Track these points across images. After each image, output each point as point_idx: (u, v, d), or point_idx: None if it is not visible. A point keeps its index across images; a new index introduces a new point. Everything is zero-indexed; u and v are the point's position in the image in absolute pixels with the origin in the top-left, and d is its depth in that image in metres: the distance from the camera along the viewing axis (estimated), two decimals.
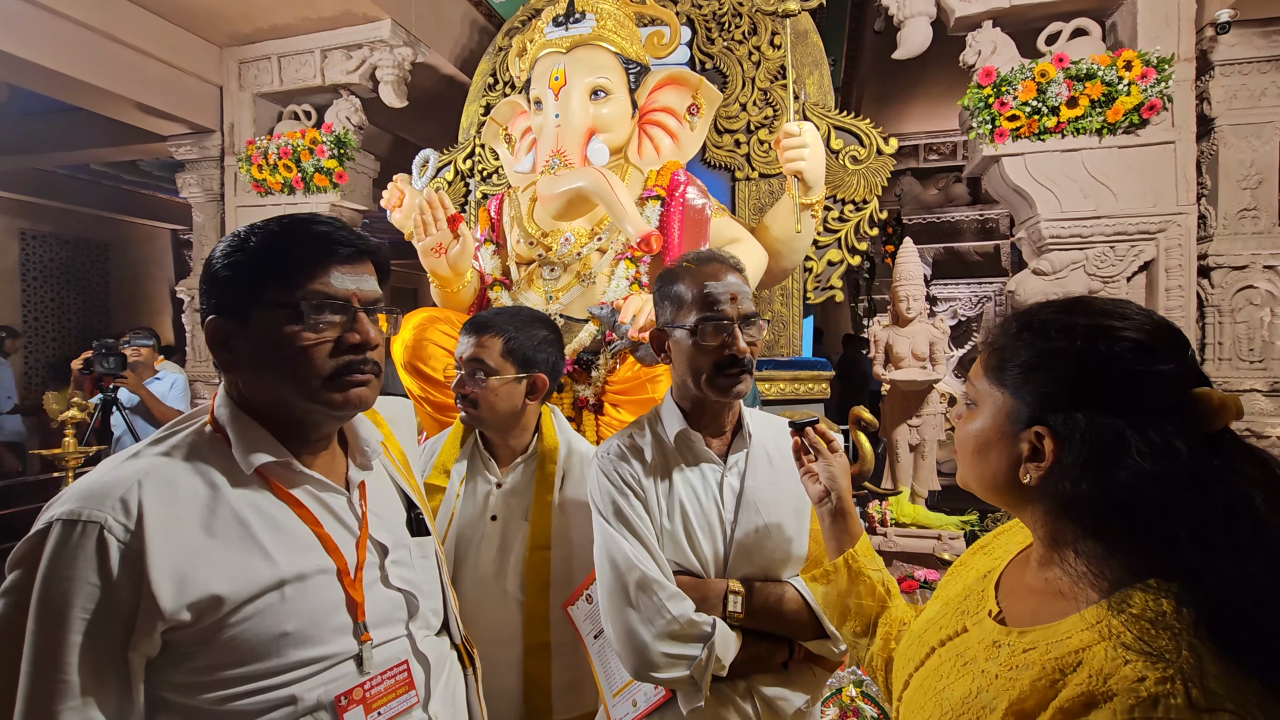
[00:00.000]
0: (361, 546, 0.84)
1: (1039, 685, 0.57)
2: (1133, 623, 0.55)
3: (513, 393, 1.36)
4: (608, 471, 1.15)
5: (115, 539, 0.68)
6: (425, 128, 4.54)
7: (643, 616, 1.04)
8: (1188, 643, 0.52)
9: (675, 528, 1.12)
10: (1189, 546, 0.54)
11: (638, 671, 1.05)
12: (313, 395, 0.80)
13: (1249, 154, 2.77)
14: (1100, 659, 0.54)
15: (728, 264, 1.15)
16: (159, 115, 3.80)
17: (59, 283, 6.48)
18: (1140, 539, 0.57)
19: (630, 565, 1.06)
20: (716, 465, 1.16)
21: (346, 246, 0.82)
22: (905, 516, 3.29)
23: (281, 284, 0.78)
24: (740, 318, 1.11)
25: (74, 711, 0.67)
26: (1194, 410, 0.57)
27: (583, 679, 1.32)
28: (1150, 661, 0.52)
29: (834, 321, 8.04)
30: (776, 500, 1.14)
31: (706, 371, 1.10)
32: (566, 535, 1.36)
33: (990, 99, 2.79)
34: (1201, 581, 0.54)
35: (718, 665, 1.03)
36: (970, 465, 0.71)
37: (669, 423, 1.17)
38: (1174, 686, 0.49)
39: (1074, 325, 0.62)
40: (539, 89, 2.31)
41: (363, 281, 0.83)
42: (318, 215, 0.85)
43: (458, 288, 2.29)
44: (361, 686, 0.79)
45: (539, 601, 1.32)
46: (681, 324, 1.12)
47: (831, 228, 2.69)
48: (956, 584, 0.82)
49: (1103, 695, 0.52)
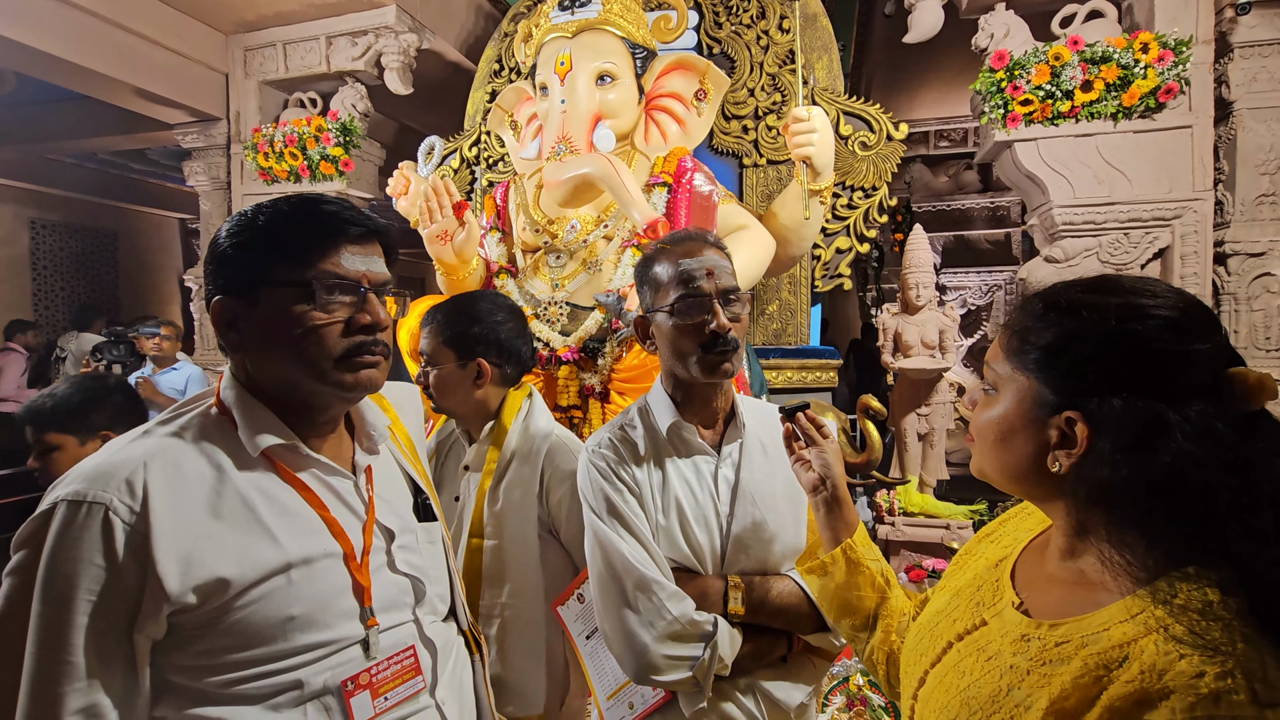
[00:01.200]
0: (368, 531, 0.83)
1: (1081, 682, 0.54)
2: (1180, 614, 0.52)
3: (459, 380, 1.35)
4: (599, 465, 1.11)
5: (120, 520, 0.68)
6: (431, 115, 4.52)
7: (643, 619, 1.01)
8: (1241, 634, 0.50)
9: (670, 523, 1.08)
10: (1236, 532, 0.52)
11: (638, 675, 1.03)
12: (323, 376, 0.79)
13: (1268, 138, 2.71)
14: (1151, 653, 0.51)
15: (705, 241, 1.12)
16: (165, 103, 3.79)
17: (69, 271, 6.51)
18: (1181, 526, 0.55)
19: (627, 565, 1.03)
20: (710, 456, 1.12)
21: (357, 226, 0.81)
22: (913, 506, 3.28)
23: (292, 263, 0.78)
24: (719, 293, 1.07)
25: (79, 693, 0.67)
26: (1229, 391, 0.55)
27: (506, 681, 1.29)
28: (1207, 655, 0.49)
29: (841, 311, 7.99)
30: (771, 491, 1.11)
31: (691, 353, 1.06)
32: (499, 526, 1.33)
33: (1003, 83, 2.74)
34: (1250, 569, 0.51)
35: (720, 665, 1.00)
36: (990, 454, 0.68)
37: (660, 414, 1.14)
38: (1235, 682, 0.47)
39: (1105, 304, 0.59)
40: (545, 74, 2.29)
41: (372, 263, 0.83)
42: (325, 195, 0.84)
43: (464, 275, 2.28)
44: (368, 671, 0.78)
45: (471, 591, 1.29)
46: (661, 306, 1.09)
47: (840, 215, 2.66)
48: (965, 573, 0.80)
49: (1158, 693, 0.49)
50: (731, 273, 1.11)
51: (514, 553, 1.33)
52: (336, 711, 0.76)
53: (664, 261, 1.10)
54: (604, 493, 1.09)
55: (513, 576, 1.33)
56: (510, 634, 1.32)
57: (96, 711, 0.68)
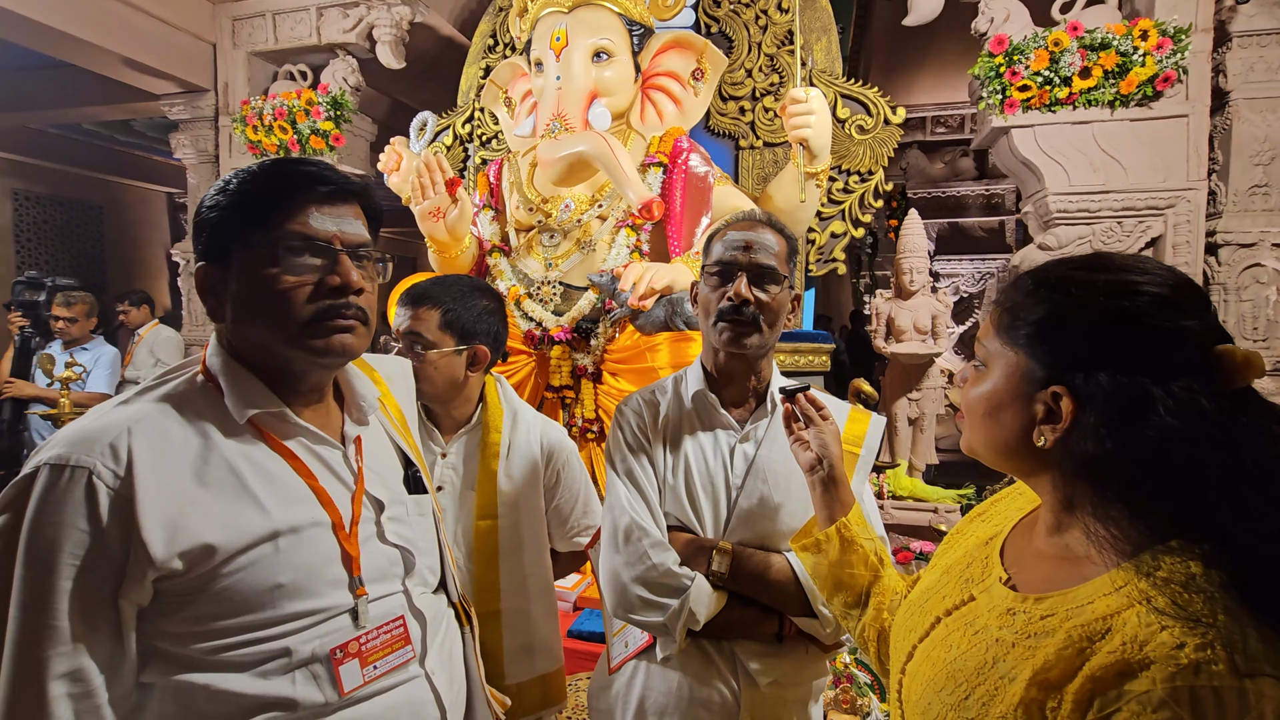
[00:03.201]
0: (357, 501, 0.83)
1: (1065, 654, 0.55)
2: (1163, 586, 0.53)
3: (453, 365, 1.33)
4: (622, 422, 1.20)
5: (104, 485, 0.67)
6: (423, 91, 4.44)
7: (625, 559, 1.09)
8: (1223, 605, 0.50)
9: (678, 484, 1.14)
10: (1220, 507, 0.52)
11: (615, 610, 1.11)
12: (293, 341, 0.78)
13: (1263, 129, 2.72)
14: (1133, 625, 0.52)
15: (764, 222, 1.16)
16: (151, 73, 3.71)
17: (53, 244, 6.41)
18: (1166, 500, 0.55)
19: (622, 510, 1.11)
20: (732, 431, 1.16)
21: (326, 185, 0.79)
22: (903, 490, 3.32)
23: (260, 225, 0.76)
24: (750, 265, 1.10)
25: (63, 656, 0.66)
26: (1217, 367, 0.55)
27: (534, 644, 1.36)
28: (1188, 627, 0.50)
29: (835, 298, 8.00)
30: (789, 474, 1.12)
31: (712, 317, 1.12)
32: (514, 503, 1.36)
33: (1001, 68, 2.73)
34: (1233, 542, 0.52)
35: (691, 619, 1.05)
36: (979, 429, 0.68)
37: (691, 383, 1.20)
38: (1215, 652, 0.48)
39: (1095, 281, 0.59)
40: (540, 50, 2.25)
41: (345, 223, 0.80)
42: (303, 157, 0.82)
43: (456, 253, 2.26)
44: (357, 640, 0.78)
45: (488, 570, 1.33)
46: (703, 273, 1.16)
47: (836, 199, 2.65)
48: (955, 551, 0.81)
49: (1139, 663, 0.50)
50: (774, 254, 1.13)
51: (528, 523, 1.38)
52: (325, 679, 0.76)
53: (720, 233, 1.17)
54: (621, 446, 1.17)
55: (529, 544, 1.38)
56: (534, 598, 1.38)
57: (81, 676, 0.67)
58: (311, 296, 0.77)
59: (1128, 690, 0.50)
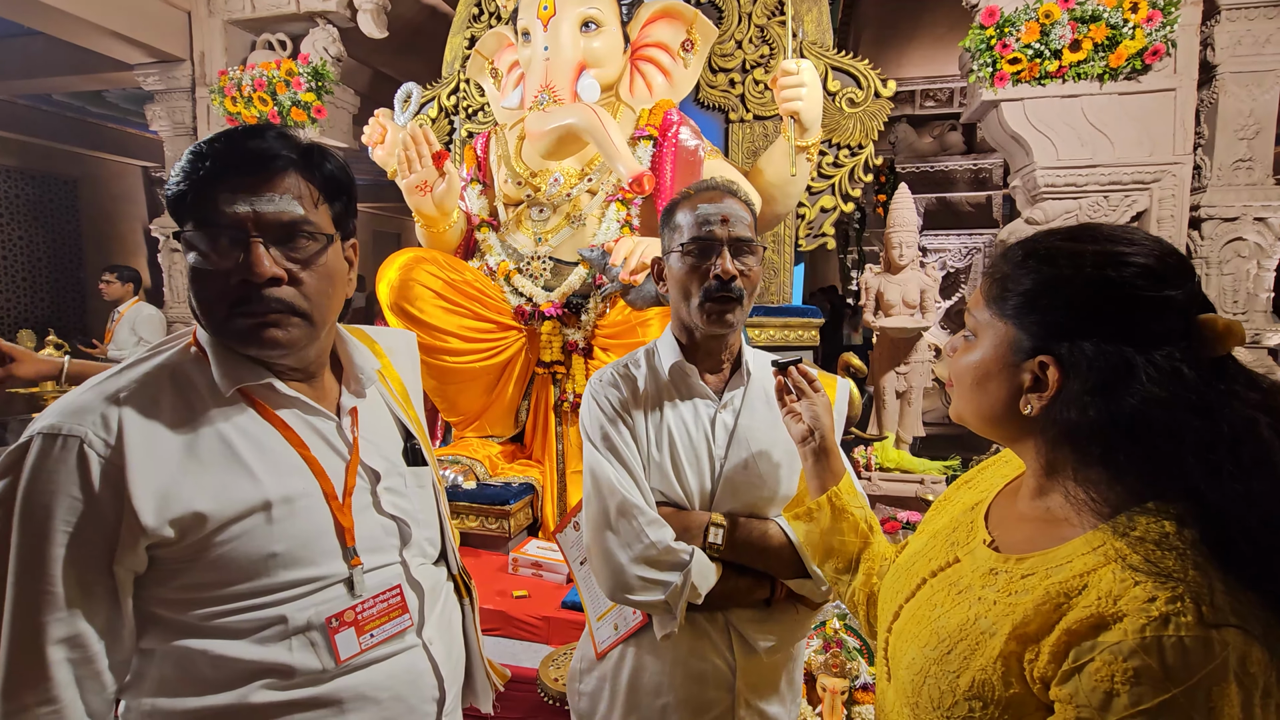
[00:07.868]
0: (351, 472, 0.83)
1: (1043, 609, 0.57)
2: (1138, 544, 0.55)
3: None
4: (598, 398, 1.15)
5: (95, 453, 0.68)
6: (407, 61, 4.35)
7: (621, 540, 1.05)
8: (1194, 561, 0.53)
9: (663, 459, 1.12)
10: (1196, 469, 0.55)
11: (613, 593, 1.07)
12: (219, 331, 0.75)
13: (1249, 103, 2.73)
14: (1108, 581, 0.55)
15: (728, 191, 1.13)
16: (124, 40, 3.60)
17: (26, 220, 6.26)
18: (1144, 464, 0.57)
19: (612, 489, 1.07)
20: (710, 401, 1.15)
21: (241, 157, 0.72)
22: (890, 461, 3.37)
23: (180, 206, 0.74)
24: (730, 240, 1.08)
25: (61, 622, 0.67)
26: (1199, 336, 0.57)
27: None
28: (1160, 581, 0.52)
29: (821, 272, 8.01)
30: (771, 441, 1.13)
31: (695, 295, 1.08)
32: None
33: (992, 40, 2.71)
34: (1207, 502, 0.54)
35: (693, 594, 1.04)
36: (968, 398, 0.70)
37: (665, 355, 1.17)
38: (1184, 605, 0.50)
39: (1082, 252, 0.61)
40: (527, 19, 2.20)
41: (264, 202, 0.72)
42: (253, 126, 0.76)
43: (444, 228, 2.24)
44: (353, 609, 0.79)
45: None
46: (674, 248, 1.12)
47: (826, 173, 2.64)
48: (942, 517, 0.83)
49: (1113, 616, 0.53)
50: (748, 225, 1.12)
51: None
52: (322, 646, 0.77)
53: (685, 206, 1.13)
54: (600, 423, 1.13)
55: None
56: None
57: (80, 641, 0.68)
58: (226, 287, 0.72)
59: (1101, 641, 0.53)
